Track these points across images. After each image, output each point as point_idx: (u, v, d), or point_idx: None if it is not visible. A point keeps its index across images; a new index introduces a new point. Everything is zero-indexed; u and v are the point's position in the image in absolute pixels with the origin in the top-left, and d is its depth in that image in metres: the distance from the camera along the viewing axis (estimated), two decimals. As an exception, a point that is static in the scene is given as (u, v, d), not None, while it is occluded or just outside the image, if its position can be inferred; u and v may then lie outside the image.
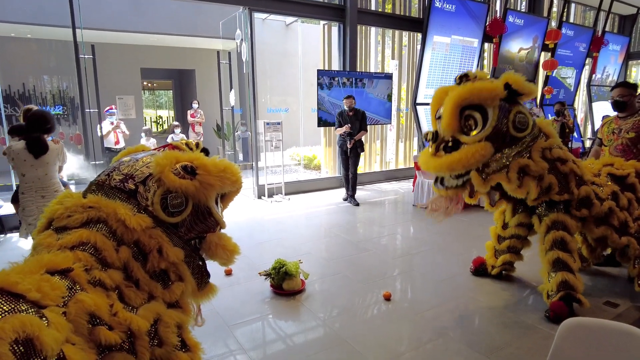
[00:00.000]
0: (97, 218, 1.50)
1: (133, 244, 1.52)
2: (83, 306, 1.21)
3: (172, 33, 9.03)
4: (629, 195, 3.00)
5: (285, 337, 2.72)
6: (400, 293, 3.39)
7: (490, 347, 2.55)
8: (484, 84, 2.54)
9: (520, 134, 2.62)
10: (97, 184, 1.64)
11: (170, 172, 1.60)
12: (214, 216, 1.80)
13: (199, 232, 1.76)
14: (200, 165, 1.67)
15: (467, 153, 2.50)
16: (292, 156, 9.92)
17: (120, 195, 1.57)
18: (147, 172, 1.62)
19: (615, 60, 12.96)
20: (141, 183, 1.60)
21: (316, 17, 7.40)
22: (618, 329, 1.28)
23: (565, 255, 2.77)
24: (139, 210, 1.56)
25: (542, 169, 2.66)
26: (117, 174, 1.63)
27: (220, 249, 1.83)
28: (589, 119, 12.75)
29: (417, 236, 4.95)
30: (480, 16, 8.61)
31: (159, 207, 1.59)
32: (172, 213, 1.63)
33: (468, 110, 2.55)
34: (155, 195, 1.59)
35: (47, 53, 9.23)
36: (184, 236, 1.70)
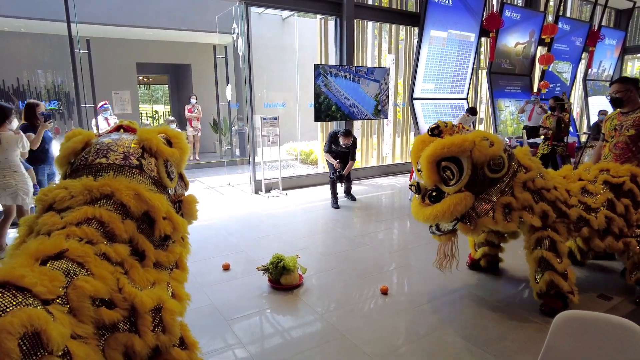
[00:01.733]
0: (100, 196, 1.58)
1: (141, 216, 1.63)
2: (82, 292, 1.22)
3: (168, 27, 8.97)
4: (625, 202, 3.00)
5: (283, 332, 2.74)
6: (397, 287, 3.42)
7: (485, 340, 2.58)
8: (453, 139, 2.66)
9: (497, 175, 2.73)
10: (97, 166, 1.71)
11: (162, 143, 1.82)
12: (184, 179, 2.07)
13: (178, 196, 1.99)
14: (172, 135, 1.94)
15: (449, 204, 2.65)
16: (289, 151, 9.91)
17: (132, 171, 1.73)
18: (138, 148, 1.79)
19: (611, 54, 13.00)
20: (141, 157, 1.78)
21: (313, 11, 7.36)
22: (611, 321, 1.30)
23: (549, 254, 2.81)
24: (150, 180, 1.76)
25: (526, 201, 2.75)
26: (115, 154, 1.75)
27: (194, 207, 2.03)
28: (584, 114, 12.80)
29: (414, 230, 4.97)
30: (477, 10, 8.60)
31: (165, 174, 1.82)
32: (172, 179, 1.87)
33: (445, 162, 2.69)
34: (159, 166, 1.81)
35: (42, 47, 9.14)
36: (171, 202, 1.90)
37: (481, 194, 2.74)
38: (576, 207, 2.93)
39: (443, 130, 2.78)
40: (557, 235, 2.82)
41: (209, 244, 4.31)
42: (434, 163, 2.69)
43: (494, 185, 2.75)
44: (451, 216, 2.66)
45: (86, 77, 6.04)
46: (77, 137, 1.83)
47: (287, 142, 9.95)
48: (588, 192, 3.05)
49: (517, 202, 2.73)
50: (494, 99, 9.78)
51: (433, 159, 2.68)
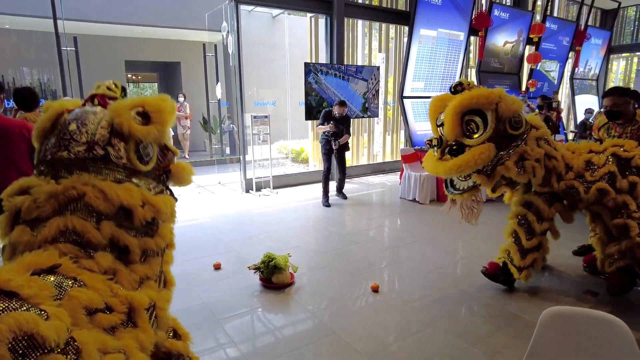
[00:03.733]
0: (69, 199, 1.46)
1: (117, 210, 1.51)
2: (78, 302, 1.21)
3: (157, 25, 8.88)
4: (633, 179, 2.86)
5: (274, 330, 2.75)
6: (388, 284, 3.44)
7: (476, 337, 2.62)
8: (480, 91, 2.74)
9: (516, 132, 2.80)
10: (58, 162, 1.54)
11: (135, 124, 1.58)
12: (170, 148, 1.84)
13: (164, 168, 1.82)
14: (151, 108, 1.66)
15: (473, 155, 2.69)
16: (279, 149, 9.89)
17: (96, 165, 1.53)
18: (105, 132, 1.57)
19: (597, 54, 13.20)
20: (108, 145, 1.56)
21: (303, 10, 7.36)
22: (596, 316, 1.34)
23: (520, 230, 3.04)
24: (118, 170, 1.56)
25: (538, 154, 2.83)
26: (77, 145, 1.54)
27: (184, 174, 1.86)
28: (571, 112, 12.99)
29: (405, 228, 5.01)
30: (466, 9, 8.67)
31: (136, 161, 1.60)
32: (147, 162, 1.66)
33: (468, 116, 2.76)
34: (130, 151, 1.58)
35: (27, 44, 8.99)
36: (155, 176, 1.75)
37: (501, 149, 2.81)
38: (568, 180, 2.95)
39: (466, 88, 2.85)
40: (532, 216, 3.00)
41: (199, 243, 4.29)
42: (460, 114, 2.74)
43: (511, 142, 2.82)
44: (475, 166, 2.71)
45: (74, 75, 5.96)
46: (46, 113, 1.65)
47: (277, 140, 9.93)
48: (592, 165, 2.97)
49: (530, 152, 2.80)
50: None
51: (460, 109, 2.72)
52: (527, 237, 3.02)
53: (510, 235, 3.15)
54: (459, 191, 2.97)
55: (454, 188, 3.03)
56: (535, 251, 3.06)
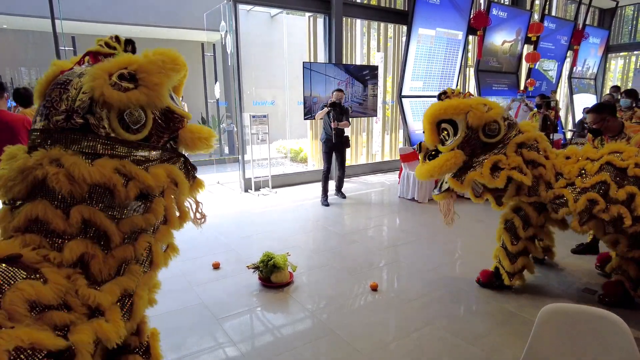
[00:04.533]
0: (36, 181, 1.34)
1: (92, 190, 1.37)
2: (21, 295, 1.14)
3: (156, 25, 8.87)
4: (630, 189, 2.61)
5: (273, 329, 2.75)
6: (387, 283, 3.45)
7: (474, 335, 2.62)
8: (451, 101, 2.88)
9: (491, 140, 2.85)
10: (41, 132, 1.42)
11: (111, 89, 1.38)
12: (176, 112, 1.60)
13: (170, 134, 1.60)
14: (137, 68, 1.45)
15: (440, 161, 2.86)
16: (278, 149, 9.90)
17: (75, 136, 1.38)
18: (86, 98, 1.39)
19: (595, 53, 13.23)
20: (88, 113, 1.39)
21: (301, 9, 7.35)
22: (594, 313, 1.34)
23: (505, 235, 3.12)
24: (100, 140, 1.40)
25: (515, 162, 2.77)
26: (57, 115, 1.39)
27: (197, 140, 1.65)
28: (570, 111, 13.02)
29: (403, 227, 5.01)
30: (465, 9, 8.67)
31: (121, 130, 1.42)
32: (137, 130, 1.46)
33: (443, 124, 2.91)
34: (112, 121, 1.41)
35: (25, 44, 8.98)
36: (158, 144, 1.55)
37: (475, 156, 2.88)
38: (557, 189, 2.82)
39: (450, 96, 2.99)
40: (518, 220, 3.04)
41: (198, 243, 4.29)
42: (434, 124, 2.91)
43: (488, 149, 2.87)
44: (441, 171, 2.86)
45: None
46: (49, 70, 1.52)
47: (276, 140, 9.93)
48: (584, 173, 2.82)
49: (506, 161, 2.79)
50: (482, 96, 9.88)
51: (432, 119, 2.90)
52: (512, 242, 3.08)
53: (499, 240, 3.23)
54: (439, 192, 3.14)
55: (438, 189, 3.17)
56: (524, 255, 3.08)
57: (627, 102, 5.33)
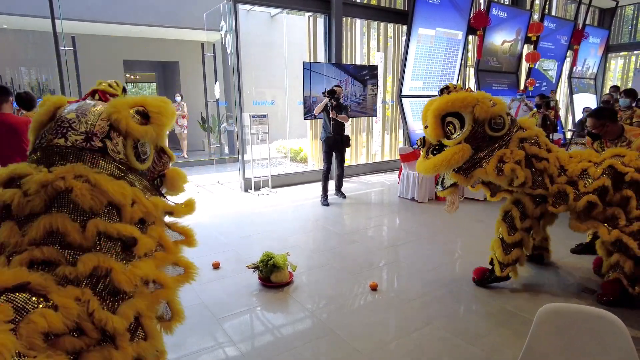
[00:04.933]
0: (57, 191, 1.40)
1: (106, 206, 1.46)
2: (35, 327, 1.15)
3: (155, 24, 8.88)
4: (628, 193, 2.75)
5: (273, 329, 2.76)
6: (387, 283, 3.45)
7: (474, 335, 2.63)
8: (458, 94, 2.88)
9: (496, 133, 2.88)
10: (54, 149, 1.50)
11: (133, 121, 1.57)
12: (167, 153, 1.84)
13: (159, 171, 1.83)
14: (152, 109, 1.66)
15: (447, 154, 2.83)
16: (278, 149, 9.90)
17: (93, 156, 1.51)
18: (105, 125, 1.54)
19: (595, 52, 13.23)
20: (107, 138, 1.54)
21: (301, 9, 7.36)
22: (592, 313, 1.35)
23: (503, 225, 3.12)
24: (114, 164, 1.55)
25: (519, 156, 2.84)
26: (75, 134, 1.51)
27: (178, 180, 1.88)
28: (570, 111, 13.02)
29: (403, 227, 5.02)
30: (465, 8, 8.67)
31: (133, 158, 1.60)
32: (143, 160, 1.66)
33: (449, 118, 2.89)
34: (127, 148, 1.58)
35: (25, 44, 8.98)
36: (150, 179, 1.76)
37: (480, 150, 2.89)
38: (561, 184, 2.91)
39: (452, 91, 2.99)
40: (517, 211, 3.05)
41: (198, 243, 4.28)
42: (439, 117, 2.88)
43: (492, 143, 2.89)
44: (449, 165, 2.83)
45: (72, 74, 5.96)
46: (44, 106, 1.61)
47: (276, 139, 9.94)
48: (587, 175, 2.91)
49: (511, 155, 2.83)
50: (482, 96, 9.87)
51: (438, 112, 2.87)
52: (509, 232, 3.09)
53: (497, 231, 3.23)
54: (443, 188, 3.13)
55: (442, 185, 3.15)
56: (519, 247, 3.09)
57: (626, 102, 5.35)
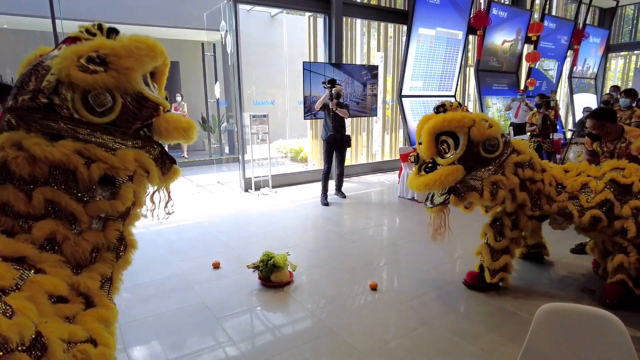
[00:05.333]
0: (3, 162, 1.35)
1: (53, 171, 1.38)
2: (40, 288, 1.16)
3: (156, 24, 8.88)
4: (635, 204, 2.79)
5: (273, 329, 2.76)
6: (387, 283, 3.46)
7: (473, 334, 2.63)
8: (454, 114, 2.88)
9: (490, 154, 2.89)
10: (8, 110, 1.43)
11: (77, 70, 1.39)
12: (150, 99, 1.58)
13: (143, 121, 1.59)
14: (108, 52, 1.44)
15: (441, 174, 2.83)
16: (278, 149, 9.90)
17: (38, 115, 1.39)
18: (53, 79, 1.40)
19: (595, 52, 13.23)
20: (54, 93, 1.40)
21: (301, 9, 7.36)
22: (590, 312, 1.35)
23: (490, 232, 3.12)
24: (62, 121, 1.40)
25: (513, 184, 2.88)
26: (25, 93, 1.41)
27: (172, 130, 1.63)
28: (570, 111, 13.02)
29: (403, 227, 5.02)
30: (465, 8, 8.68)
31: (85, 112, 1.42)
32: (103, 113, 1.45)
33: (443, 137, 2.89)
34: (75, 102, 1.41)
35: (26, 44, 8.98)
36: (129, 130, 1.54)
37: (473, 170, 2.89)
38: (561, 202, 2.97)
39: (448, 109, 3.01)
40: (508, 221, 3.03)
41: (198, 243, 4.30)
42: (434, 135, 2.88)
43: (486, 164, 2.90)
44: (441, 185, 2.84)
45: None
46: (24, 61, 1.53)
47: (276, 139, 9.94)
48: (589, 190, 2.95)
49: (505, 181, 2.86)
50: (482, 96, 9.89)
51: (434, 131, 2.87)
52: (496, 239, 3.08)
53: (483, 236, 3.23)
54: (433, 205, 3.05)
55: (431, 202, 3.09)
56: (506, 254, 3.09)
57: (626, 102, 5.35)
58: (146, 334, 2.66)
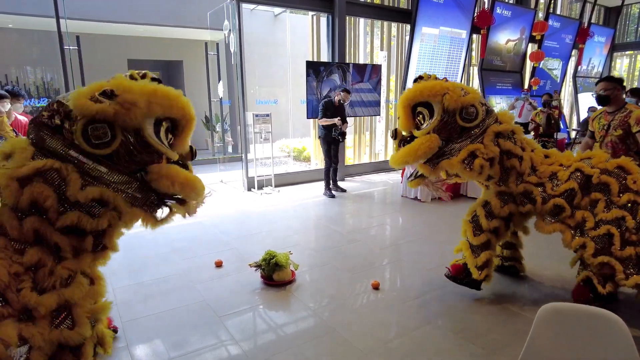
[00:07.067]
0: None
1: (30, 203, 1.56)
2: None
3: (159, 24, 8.90)
4: (596, 196, 2.64)
5: (275, 327, 2.76)
6: (389, 282, 3.45)
7: (475, 333, 2.63)
8: (426, 83, 2.78)
9: (468, 124, 2.73)
10: (31, 121, 1.63)
11: (85, 99, 1.52)
12: (153, 145, 1.64)
13: (141, 164, 1.66)
14: (121, 88, 1.57)
15: (415, 145, 2.71)
16: (281, 148, 9.90)
17: (46, 132, 1.56)
18: (69, 105, 1.57)
19: (600, 51, 13.14)
20: (66, 118, 1.55)
21: (304, 8, 7.35)
22: (594, 312, 1.34)
23: (467, 225, 2.99)
24: (65, 144, 1.55)
25: (493, 152, 2.72)
26: (47, 110, 1.60)
27: (165, 180, 1.68)
28: (574, 110, 12.94)
29: (405, 226, 5.02)
30: (468, 7, 8.64)
31: (81, 139, 1.54)
32: (98, 145, 1.55)
33: (419, 108, 2.78)
34: (77, 126, 1.53)
35: (30, 44, 9.02)
36: (124, 169, 1.62)
37: (451, 141, 2.77)
38: (528, 184, 2.80)
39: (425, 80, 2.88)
40: (482, 210, 2.92)
41: (201, 242, 4.31)
42: (409, 107, 2.78)
43: (466, 135, 2.75)
44: (415, 157, 2.71)
45: (76, 74, 5.99)
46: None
47: (279, 139, 9.94)
48: (556, 179, 2.79)
49: (484, 150, 2.70)
50: (486, 95, 9.85)
51: (408, 102, 2.77)
52: (474, 233, 2.94)
53: (463, 233, 3.08)
54: (412, 179, 3.02)
55: (414, 177, 3.04)
56: (487, 249, 2.92)
57: (632, 101, 5.31)
58: (148, 332, 2.67)
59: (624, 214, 2.54)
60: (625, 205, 2.57)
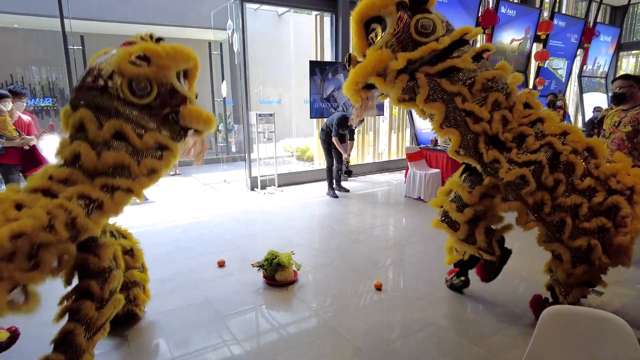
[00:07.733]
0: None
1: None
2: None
3: (163, 23, 8.92)
4: (557, 177, 2.35)
5: (278, 327, 2.76)
6: (392, 283, 3.44)
7: (478, 335, 2.61)
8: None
9: (425, 38, 2.40)
10: (76, 90, 2.03)
11: (127, 63, 1.96)
12: (179, 91, 2.13)
13: (172, 107, 2.11)
14: (151, 53, 2.03)
15: (364, 63, 2.44)
16: (284, 148, 9.91)
17: (94, 93, 1.96)
18: (110, 68, 1.98)
19: (606, 51, 13.05)
20: (109, 78, 1.96)
21: (308, 8, 7.35)
22: (596, 315, 1.33)
23: (452, 206, 2.79)
24: (113, 99, 1.96)
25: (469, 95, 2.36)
26: (90, 77, 2.00)
27: (194, 118, 2.17)
28: (579, 110, 12.87)
29: (409, 227, 5.00)
30: (473, 7, 8.61)
31: (128, 93, 1.97)
32: (141, 96, 2.01)
33: (373, 24, 2.51)
34: (122, 85, 1.96)
35: (35, 44, 9.08)
36: (160, 114, 2.08)
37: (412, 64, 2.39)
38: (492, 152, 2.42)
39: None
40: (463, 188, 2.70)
41: (204, 241, 4.31)
42: (361, 23, 2.50)
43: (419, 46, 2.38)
44: (365, 73, 2.43)
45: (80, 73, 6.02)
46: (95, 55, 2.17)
47: (282, 138, 9.95)
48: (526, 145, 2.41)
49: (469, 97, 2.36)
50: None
51: (359, 18, 2.49)
52: (458, 209, 2.72)
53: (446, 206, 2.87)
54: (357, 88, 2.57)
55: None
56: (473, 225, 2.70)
57: (638, 101, 5.27)
58: (151, 331, 2.67)
59: (582, 201, 2.34)
60: (583, 191, 2.36)
